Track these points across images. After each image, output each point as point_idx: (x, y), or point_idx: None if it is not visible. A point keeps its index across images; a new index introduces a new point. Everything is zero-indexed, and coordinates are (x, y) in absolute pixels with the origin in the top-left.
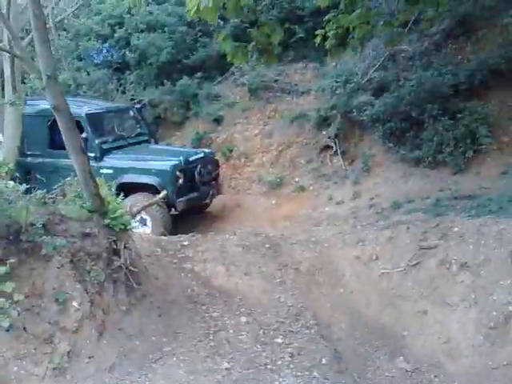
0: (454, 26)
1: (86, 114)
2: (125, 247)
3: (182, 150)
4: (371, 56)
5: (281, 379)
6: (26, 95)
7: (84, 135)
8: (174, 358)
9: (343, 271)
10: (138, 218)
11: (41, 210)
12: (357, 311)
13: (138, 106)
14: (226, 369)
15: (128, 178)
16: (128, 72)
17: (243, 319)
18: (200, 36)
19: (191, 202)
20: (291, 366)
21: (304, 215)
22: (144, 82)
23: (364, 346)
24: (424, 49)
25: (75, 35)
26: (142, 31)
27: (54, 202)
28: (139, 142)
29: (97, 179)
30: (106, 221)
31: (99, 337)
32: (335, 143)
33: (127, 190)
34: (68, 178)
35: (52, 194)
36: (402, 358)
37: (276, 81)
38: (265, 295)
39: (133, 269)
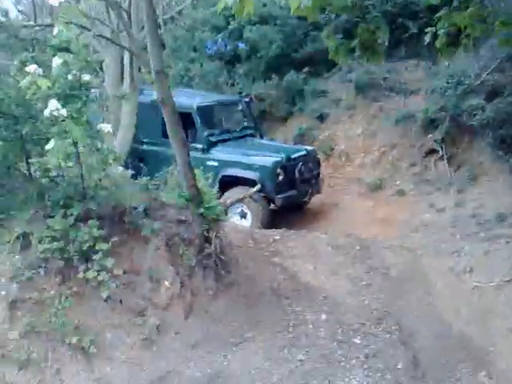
0: None
1: (198, 107)
2: (216, 236)
3: (284, 146)
4: (487, 57)
5: (351, 376)
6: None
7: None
8: (253, 345)
9: (434, 281)
10: (239, 210)
11: (144, 195)
12: (443, 322)
13: (247, 99)
14: (300, 360)
15: (231, 172)
16: (238, 65)
17: (323, 316)
18: (311, 29)
19: (290, 199)
20: (364, 366)
21: (401, 220)
22: (252, 76)
23: (447, 357)
24: None
25: (192, 26)
26: (254, 24)
27: (156, 189)
28: (245, 136)
29: (195, 171)
30: (201, 210)
31: (187, 316)
32: (441, 147)
33: (230, 182)
34: (171, 168)
35: (155, 181)
36: (484, 372)
37: (385, 78)
38: (349, 296)
39: (222, 257)
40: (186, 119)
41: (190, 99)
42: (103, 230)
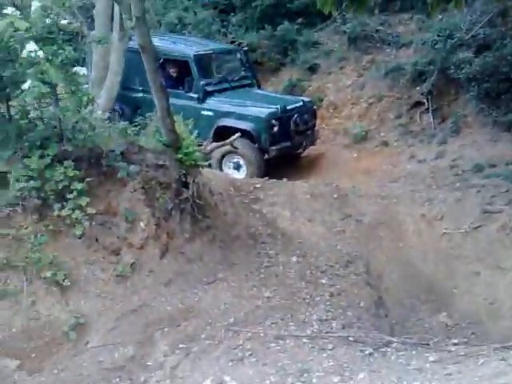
0: None
1: (194, 55)
2: (194, 181)
3: (281, 97)
4: (479, 11)
5: (313, 312)
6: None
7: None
8: (225, 284)
9: (406, 227)
10: (234, 161)
11: (122, 139)
12: (412, 266)
13: (245, 48)
14: (267, 297)
15: (225, 122)
16: (233, 14)
17: (294, 259)
18: None
19: (284, 150)
20: (327, 303)
21: (383, 170)
22: (246, 25)
23: (411, 298)
24: None
25: None
26: None
27: (136, 134)
28: (242, 86)
29: (175, 117)
30: (179, 155)
31: (161, 256)
32: (428, 100)
33: (225, 132)
34: (150, 114)
35: (135, 126)
36: (445, 313)
37: (377, 31)
38: (323, 241)
39: (199, 202)
40: (182, 67)
41: (186, 47)
42: (79, 171)
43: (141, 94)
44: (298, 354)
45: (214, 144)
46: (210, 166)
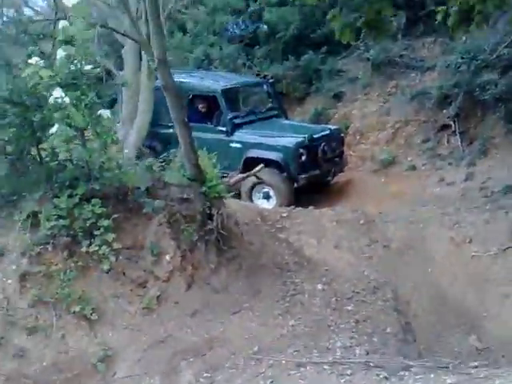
0: None
1: (222, 90)
2: (218, 213)
3: (308, 126)
4: (503, 31)
5: (337, 338)
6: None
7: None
8: (251, 313)
9: (435, 252)
10: (263, 192)
11: (147, 175)
12: (441, 290)
13: (271, 80)
14: (292, 325)
15: (254, 153)
16: (257, 47)
17: (320, 286)
18: (331, 9)
19: (312, 178)
20: (353, 330)
21: (412, 194)
22: (271, 57)
23: (441, 323)
24: None
25: (212, 10)
26: (273, 5)
27: (162, 170)
28: (269, 117)
29: (199, 151)
30: (203, 189)
31: (187, 287)
32: (454, 123)
33: (254, 164)
34: (175, 150)
35: (160, 162)
36: (475, 336)
37: (401, 56)
38: (349, 268)
39: (224, 232)
40: (211, 102)
41: (214, 82)
42: (106, 208)
43: (171, 130)
44: (317, 380)
45: (238, 176)
46: (238, 196)
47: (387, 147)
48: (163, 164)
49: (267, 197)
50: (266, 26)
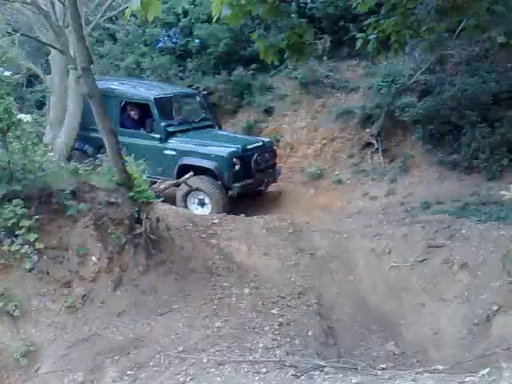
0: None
1: (155, 98)
2: (147, 217)
3: (241, 137)
4: (420, 58)
5: (260, 340)
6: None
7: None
8: (178, 315)
9: (357, 261)
10: (198, 198)
11: (73, 178)
12: (362, 298)
13: (205, 92)
14: (217, 327)
15: (188, 161)
16: (189, 59)
17: (247, 291)
18: (259, 29)
19: (246, 187)
20: (276, 332)
21: (338, 207)
22: (202, 70)
23: (361, 328)
24: (473, 55)
25: (143, 22)
26: (203, 21)
27: (89, 174)
28: (204, 127)
29: (127, 157)
30: (131, 193)
31: (114, 288)
32: (377, 141)
33: (187, 171)
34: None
35: (87, 166)
36: (393, 342)
37: (327, 76)
38: (277, 273)
39: (153, 237)
40: (144, 110)
41: (147, 91)
42: (29, 209)
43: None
44: (234, 378)
45: (167, 182)
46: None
47: (315, 161)
48: (91, 167)
49: (202, 204)
50: (197, 40)
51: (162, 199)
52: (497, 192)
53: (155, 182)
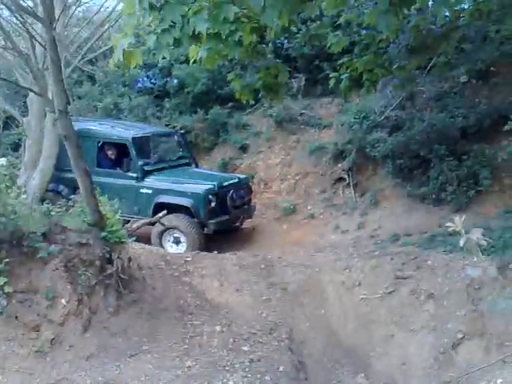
0: (474, 70)
1: (133, 138)
2: (118, 257)
3: (217, 174)
4: (390, 95)
5: (230, 378)
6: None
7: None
8: (149, 356)
9: (328, 294)
10: (174, 237)
11: (45, 220)
12: (333, 332)
13: (182, 131)
14: (188, 366)
15: (164, 199)
16: (167, 99)
17: (218, 328)
18: (236, 69)
19: (222, 224)
20: (247, 369)
21: (310, 241)
22: (180, 110)
23: (332, 362)
24: (442, 91)
25: (121, 63)
26: (182, 62)
27: (61, 215)
28: (180, 165)
29: (101, 197)
30: (103, 234)
31: (83, 331)
32: (349, 176)
33: (163, 209)
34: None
35: (59, 207)
36: (363, 374)
37: (301, 114)
38: (249, 310)
39: (124, 277)
40: (122, 149)
41: (125, 131)
42: None
43: None
44: None
45: (140, 221)
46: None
47: (289, 196)
48: (64, 208)
49: (177, 242)
50: (175, 80)
51: (133, 238)
52: (464, 223)
53: (127, 221)
